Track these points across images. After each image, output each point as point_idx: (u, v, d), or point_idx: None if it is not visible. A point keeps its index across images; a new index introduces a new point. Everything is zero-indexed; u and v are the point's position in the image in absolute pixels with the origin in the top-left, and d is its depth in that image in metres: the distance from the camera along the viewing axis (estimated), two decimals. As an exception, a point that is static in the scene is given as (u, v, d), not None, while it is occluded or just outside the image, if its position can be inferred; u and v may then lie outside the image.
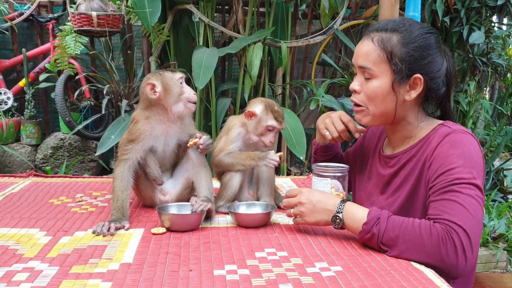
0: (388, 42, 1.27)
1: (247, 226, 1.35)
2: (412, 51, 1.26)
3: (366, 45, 1.30)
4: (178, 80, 1.46)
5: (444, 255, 1.07)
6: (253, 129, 1.52)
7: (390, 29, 1.29)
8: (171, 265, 1.06)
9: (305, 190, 1.27)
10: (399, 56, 1.26)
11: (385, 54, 1.27)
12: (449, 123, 1.30)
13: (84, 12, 3.23)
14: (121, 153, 1.44)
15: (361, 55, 1.31)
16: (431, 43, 1.28)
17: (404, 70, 1.26)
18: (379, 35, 1.29)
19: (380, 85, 1.28)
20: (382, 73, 1.28)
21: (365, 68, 1.30)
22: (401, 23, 1.30)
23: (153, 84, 1.44)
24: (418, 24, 1.31)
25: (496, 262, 2.85)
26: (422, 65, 1.27)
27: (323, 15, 3.73)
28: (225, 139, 1.55)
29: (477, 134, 4.33)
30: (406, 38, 1.27)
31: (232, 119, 1.58)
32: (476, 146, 1.22)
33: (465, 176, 1.14)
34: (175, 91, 1.45)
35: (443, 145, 1.22)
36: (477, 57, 3.51)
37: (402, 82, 1.27)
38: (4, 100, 3.89)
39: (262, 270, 1.03)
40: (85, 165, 3.86)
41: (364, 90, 1.31)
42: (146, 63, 3.67)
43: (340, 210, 1.20)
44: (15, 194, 1.69)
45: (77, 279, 0.98)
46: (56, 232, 1.28)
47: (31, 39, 4.20)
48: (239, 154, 1.51)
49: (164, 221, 1.31)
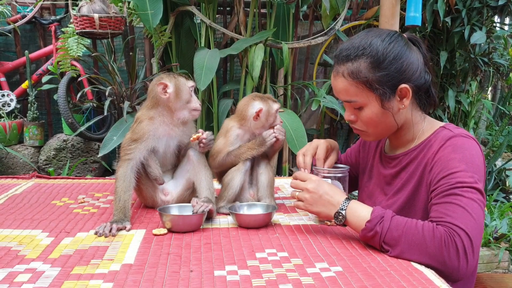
0: (359, 72, 1.24)
1: (248, 227, 1.36)
2: (385, 70, 1.23)
3: (341, 82, 1.28)
4: (190, 87, 1.50)
5: (446, 257, 1.07)
6: (264, 123, 1.53)
7: (354, 57, 1.25)
8: (172, 265, 1.07)
9: (314, 178, 1.27)
10: (376, 81, 1.23)
11: (362, 85, 1.25)
12: (451, 126, 1.30)
13: (86, 14, 3.25)
14: (124, 153, 1.45)
15: (341, 92, 1.29)
16: (399, 51, 1.24)
17: (387, 90, 1.24)
18: (346, 68, 1.26)
19: (372, 111, 1.28)
20: (368, 100, 1.26)
21: (350, 102, 1.29)
22: (361, 46, 1.25)
23: (166, 85, 1.46)
24: (377, 37, 1.26)
25: (498, 262, 2.85)
26: (401, 76, 1.24)
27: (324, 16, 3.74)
28: (224, 141, 1.56)
29: (479, 134, 4.33)
30: (374, 60, 1.23)
31: (229, 122, 1.59)
32: (477, 150, 1.22)
33: (467, 180, 1.15)
34: (185, 98, 1.48)
35: (445, 149, 1.22)
36: (478, 57, 3.51)
37: (390, 99, 1.26)
38: (7, 102, 3.91)
39: (262, 271, 1.04)
40: (87, 167, 3.87)
41: (360, 118, 1.31)
42: (148, 64, 3.69)
43: (344, 208, 1.20)
44: (18, 195, 1.70)
45: (79, 280, 0.99)
46: (58, 233, 1.29)
47: (33, 41, 4.22)
48: (238, 149, 1.53)
49: (165, 222, 1.32)
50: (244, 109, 1.54)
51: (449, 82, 3.61)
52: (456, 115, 3.69)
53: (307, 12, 3.99)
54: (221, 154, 1.54)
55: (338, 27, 3.52)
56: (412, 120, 1.34)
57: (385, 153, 1.43)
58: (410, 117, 1.33)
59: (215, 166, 1.57)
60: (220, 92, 3.53)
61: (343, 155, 1.67)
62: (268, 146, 1.50)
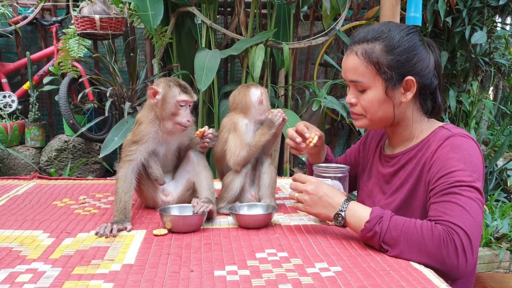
0: (372, 53, 1.27)
1: (248, 227, 1.36)
2: (397, 56, 1.26)
3: (352, 60, 1.30)
4: (179, 101, 1.45)
5: (445, 256, 1.08)
6: (265, 108, 1.55)
7: (371, 39, 1.29)
8: (172, 266, 1.07)
9: (314, 180, 1.28)
10: (386, 64, 1.26)
11: (372, 65, 1.27)
12: (449, 126, 1.31)
13: (87, 15, 3.26)
14: (125, 154, 1.46)
15: (350, 70, 1.32)
16: (414, 43, 1.28)
17: (394, 76, 1.27)
18: (362, 47, 1.29)
19: (375, 95, 1.29)
20: (374, 83, 1.29)
21: (356, 82, 1.31)
22: (380, 30, 1.29)
23: (156, 92, 1.46)
24: (397, 27, 1.31)
25: (499, 262, 2.85)
26: (411, 67, 1.27)
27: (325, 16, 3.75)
28: (236, 135, 1.52)
29: (481, 134, 4.33)
30: (389, 45, 1.27)
31: (231, 117, 1.56)
32: (476, 150, 1.23)
33: (465, 179, 1.15)
34: (169, 109, 1.45)
35: (443, 148, 1.23)
36: (479, 57, 3.51)
37: (395, 87, 1.28)
38: (9, 103, 3.92)
39: (262, 271, 1.04)
40: (89, 167, 3.88)
41: (360, 102, 1.33)
42: (149, 65, 3.70)
43: (343, 209, 1.21)
44: (19, 196, 1.71)
45: (79, 280, 0.99)
46: (59, 234, 1.30)
47: (35, 43, 4.23)
48: (253, 140, 1.51)
49: (165, 222, 1.32)
50: (244, 99, 1.54)
51: (450, 82, 3.61)
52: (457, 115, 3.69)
53: (308, 12, 4.00)
54: (242, 151, 1.50)
55: (338, 28, 3.52)
56: (412, 119, 1.34)
57: (384, 153, 1.44)
58: (410, 114, 1.34)
59: (240, 162, 1.51)
60: (221, 93, 3.54)
61: (342, 157, 1.68)
62: (277, 126, 1.51)
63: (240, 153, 1.50)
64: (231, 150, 1.52)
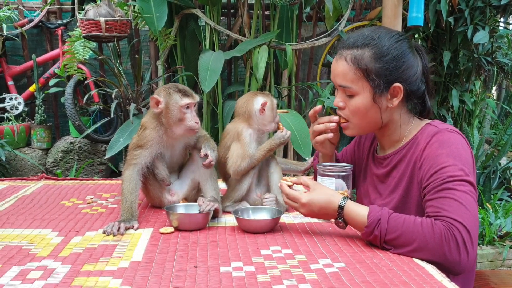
0: (361, 60, 1.28)
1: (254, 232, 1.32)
2: (386, 64, 1.27)
3: (341, 65, 1.32)
4: (183, 106, 1.46)
5: (447, 252, 1.09)
6: (270, 118, 1.55)
7: (361, 45, 1.29)
8: (179, 262, 1.10)
9: (304, 200, 1.26)
10: (374, 72, 1.27)
11: (360, 72, 1.28)
12: (436, 122, 1.32)
13: (92, 18, 3.29)
14: (130, 157, 1.48)
15: (339, 75, 1.33)
16: (403, 51, 1.29)
17: (382, 83, 1.28)
18: (351, 53, 1.30)
19: (362, 101, 1.31)
20: (362, 89, 1.30)
21: (345, 87, 1.32)
22: (370, 37, 1.30)
23: (158, 101, 1.47)
24: (386, 33, 1.31)
25: (502, 260, 2.85)
26: (398, 75, 1.28)
27: (328, 17, 3.76)
28: (239, 145, 1.52)
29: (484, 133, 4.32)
30: (378, 52, 1.28)
31: (235, 125, 1.56)
32: (463, 143, 1.25)
33: (457, 173, 1.17)
34: (175, 116, 1.46)
35: (431, 145, 1.25)
36: (482, 57, 3.51)
37: (382, 93, 1.30)
38: (15, 105, 3.96)
39: (267, 267, 1.06)
40: (94, 168, 3.91)
41: (348, 106, 1.34)
42: (153, 67, 3.73)
43: (341, 215, 1.23)
44: (28, 196, 1.74)
45: (88, 276, 1.02)
46: (67, 232, 1.32)
47: (40, 45, 4.26)
48: (258, 151, 1.52)
49: (172, 220, 1.35)
50: (247, 107, 1.54)
51: (452, 82, 3.61)
52: (460, 114, 3.69)
53: (311, 13, 4.01)
54: (244, 161, 1.50)
55: (341, 28, 3.53)
56: (400, 121, 1.36)
57: (377, 154, 1.46)
58: (398, 118, 1.36)
59: (240, 172, 1.51)
60: (225, 94, 3.56)
61: (340, 154, 1.68)
62: (286, 142, 1.53)
63: (242, 164, 1.50)
64: (233, 159, 1.52)
